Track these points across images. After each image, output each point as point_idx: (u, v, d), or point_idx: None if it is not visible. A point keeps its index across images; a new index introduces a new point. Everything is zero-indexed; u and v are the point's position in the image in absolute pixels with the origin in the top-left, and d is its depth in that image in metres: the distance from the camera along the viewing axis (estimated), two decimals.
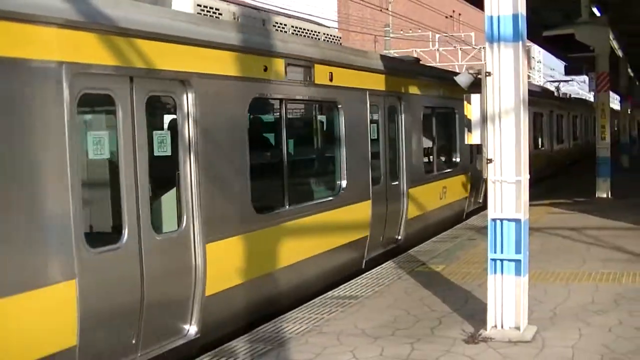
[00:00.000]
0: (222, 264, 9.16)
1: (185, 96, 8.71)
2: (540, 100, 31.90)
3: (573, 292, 10.41)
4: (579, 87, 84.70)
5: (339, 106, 12.49)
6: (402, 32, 51.32)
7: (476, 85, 8.95)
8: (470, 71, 8.88)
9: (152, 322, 8.02)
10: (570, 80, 61.93)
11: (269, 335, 8.93)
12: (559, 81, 57.20)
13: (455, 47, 50.59)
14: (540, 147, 31.43)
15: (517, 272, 8.32)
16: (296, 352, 8.21)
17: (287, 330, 9.07)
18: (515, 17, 8.17)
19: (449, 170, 18.57)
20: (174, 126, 8.75)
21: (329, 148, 13.05)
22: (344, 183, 12.57)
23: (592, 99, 36.07)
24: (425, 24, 51.09)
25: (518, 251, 8.29)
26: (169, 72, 8.46)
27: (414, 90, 15.98)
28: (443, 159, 18.83)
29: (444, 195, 17.82)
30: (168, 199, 8.73)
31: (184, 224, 8.62)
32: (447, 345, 8.23)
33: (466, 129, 8.56)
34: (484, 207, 18.45)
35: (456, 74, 9.22)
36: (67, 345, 6.91)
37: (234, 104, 9.66)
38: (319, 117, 13.11)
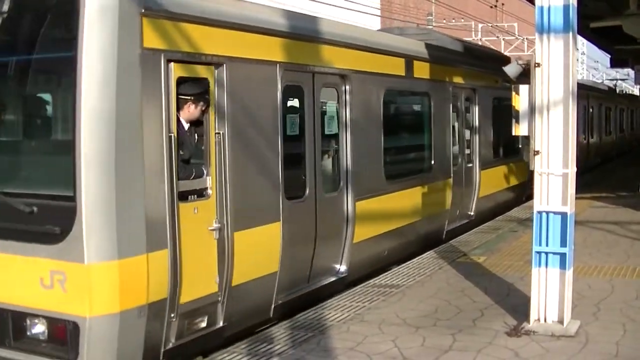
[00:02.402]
0: (487, 182, 17.02)
1: (474, 96, 16.62)
2: (607, 97, 38.65)
3: (617, 287, 10.31)
4: (625, 83, 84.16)
5: None
6: (444, 20, 50.92)
7: (524, 76, 8.87)
8: (520, 62, 8.79)
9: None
10: (626, 79, 63.16)
11: (310, 322, 8.95)
12: (617, 80, 59.05)
13: (498, 37, 50.08)
14: (608, 134, 37.90)
15: (562, 265, 8.24)
16: (338, 340, 8.22)
17: (329, 318, 9.08)
18: (566, 8, 8.06)
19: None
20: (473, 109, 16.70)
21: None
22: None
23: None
24: (468, 13, 50.69)
25: (563, 244, 8.21)
26: (466, 85, 16.07)
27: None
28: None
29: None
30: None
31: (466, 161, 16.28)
32: (489, 337, 8.19)
33: (513, 120, 8.50)
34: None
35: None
36: None
37: (488, 101, 17.37)
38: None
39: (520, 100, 8.38)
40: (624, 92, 63.67)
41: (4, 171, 7.99)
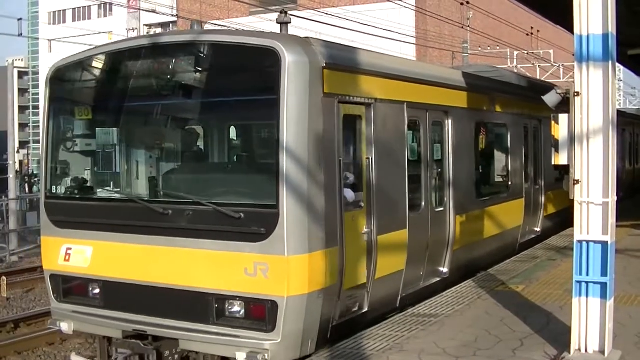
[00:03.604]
0: (550, 203, 19.13)
1: (540, 126, 18.13)
2: None
3: None
4: None
5: None
6: (480, 48, 50.96)
7: (563, 105, 8.85)
8: (559, 91, 8.78)
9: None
10: None
11: (350, 351, 8.96)
12: None
13: (533, 64, 50.01)
14: None
15: (603, 295, 8.18)
16: None
17: (368, 347, 9.08)
18: (605, 37, 8.05)
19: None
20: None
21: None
22: None
23: None
24: (504, 41, 50.68)
25: (604, 274, 8.15)
26: (533, 116, 17.77)
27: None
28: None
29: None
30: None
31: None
32: None
33: (553, 149, 8.48)
34: None
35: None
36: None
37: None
38: None
39: (559, 130, 8.37)
40: None
41: (214, 187, 10.21)
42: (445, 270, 12.97)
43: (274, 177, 9.03)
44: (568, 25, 8.10)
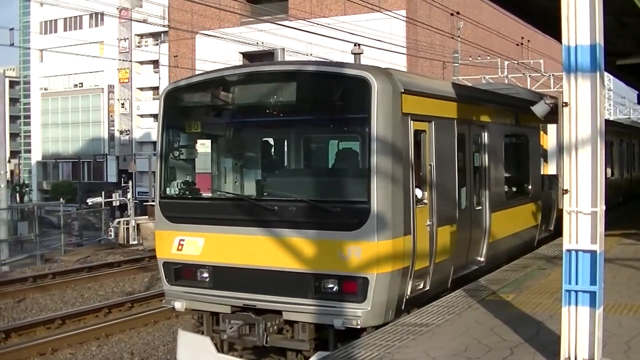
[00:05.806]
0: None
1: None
2: None
3: None
4: None
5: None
6: (470, 58, 51.10)
7: (552, 114, 8.92)
8: (547, 101, 8.85)
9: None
10: None
11: None
12: None
13: (524, 74, 50.09)
14: None
15: (592, 304, 8.21)
16: None
17: (359, 356, 9.09)
18: (592, 48, 8.09)
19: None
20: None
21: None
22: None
23: None
24: (494, 51, 50.79)
25: (593, 283, 8.18)
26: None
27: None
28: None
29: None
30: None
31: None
32: None
33: (542, 159, 8.52)
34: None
35: None
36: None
37: None
38: None
39: (548, 139, 8.41)
40: None
41: (316, 187, 12.33)
42: (482, 259, 14.92)
43: (366, 178, 11.08)
44: (557, 35, 8.14)
